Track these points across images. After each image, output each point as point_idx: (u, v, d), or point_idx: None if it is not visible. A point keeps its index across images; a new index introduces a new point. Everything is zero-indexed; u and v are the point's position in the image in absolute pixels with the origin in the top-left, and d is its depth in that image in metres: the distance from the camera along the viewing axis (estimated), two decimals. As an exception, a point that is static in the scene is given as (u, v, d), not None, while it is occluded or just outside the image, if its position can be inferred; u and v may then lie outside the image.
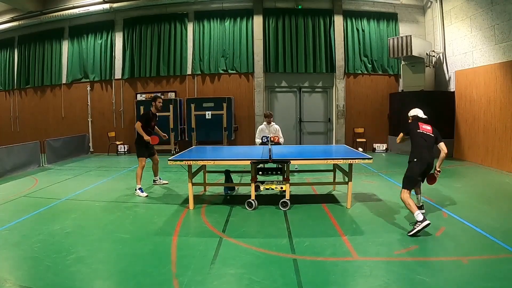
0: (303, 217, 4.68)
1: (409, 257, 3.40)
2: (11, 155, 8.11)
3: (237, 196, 5.92)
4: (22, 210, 5.13)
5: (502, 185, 6.40)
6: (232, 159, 5.20)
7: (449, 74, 9.90)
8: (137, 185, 6.03)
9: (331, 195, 5.87)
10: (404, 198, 4.09)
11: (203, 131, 10.82)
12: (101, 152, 11.78)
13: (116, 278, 3.12)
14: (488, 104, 8.11)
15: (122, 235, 4.11)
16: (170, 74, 11.42)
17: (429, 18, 10.83)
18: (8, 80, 12.58)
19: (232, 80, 11.35)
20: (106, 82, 11.77)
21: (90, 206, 5.39)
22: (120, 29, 11.58)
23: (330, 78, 11.31)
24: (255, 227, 4.41)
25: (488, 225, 4.17)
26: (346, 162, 4.95)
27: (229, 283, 2.97)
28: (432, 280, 2.91)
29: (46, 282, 3.01)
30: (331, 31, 11.03)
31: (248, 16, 11.12)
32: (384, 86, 11.27)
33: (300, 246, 3.68)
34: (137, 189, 6.01)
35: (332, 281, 2.97)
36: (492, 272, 3.04)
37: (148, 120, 6.26)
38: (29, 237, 4.05)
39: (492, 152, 7.99)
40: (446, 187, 6.16)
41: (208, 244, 3.77)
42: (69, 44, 11.93)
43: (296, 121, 11.58)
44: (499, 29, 7.69)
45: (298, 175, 7.16)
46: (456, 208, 4.90)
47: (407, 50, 9.37)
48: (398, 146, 10.49)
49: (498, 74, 7.76)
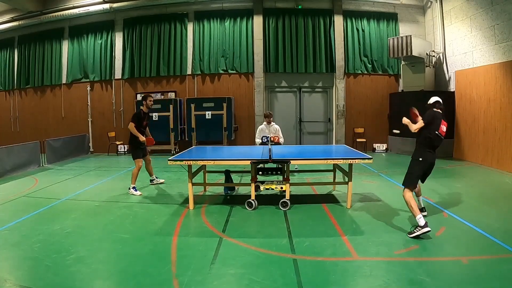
0: (303, 217, 4.68)
1: (409, 257, 3.40)
2: (11, 155, 8.12)
3: (237, 196, 5.92)
4: (22, 210, 5.13)
5: (502, 185, 6.40)
6: (232, 159, 5.20)
7: (449, 74, 9.91)
8: (131, 184, 6.10)
9: (331, 195, 5.87)
10: (407, 199, 3.99)
11: (203, 131, 10.82)
12: (101, 152, 11.78)
13: (116, 278, 3.12)
14: (488, 104, 8.11)
15: (122, 235, 4.11)
16: (170, 74, 11.42)
17: (429, 18, 10.83)
18: (8, 80, 12.59)
19: (232, 80, 11.35)
20: (106, 82, 11.78)
21: (90, 206, 5.39)
22: (120, 29, 11.59)
23: (330, 78, 11.31)
24: (255, 227, 4.41)
25: (488, 225, 4.17)
26: (346, 162, 4.95)
27: (229, 283, 2.97)
28: (432, 280, 2.91)
29: (46, 282, 3.01)
30: (331, 31, 11.03)
31: (248, 16, 11.12)
32: (384, 86, 11.27)
33: (300, 246, 3.68)
34: (130, 188, 6.09)
35: (332, 281, 2.97)
36: (492, 272, 3.04)
37: (140, 119, 6.19)
38: (29, 237, 4.06)
39: (492, 152, 7.99)
40: (446, 187, 6.16)
41: (208, 244, 3.77)
42: (69, 44, 11.94)
43: (296, 121, 11.58)
44: (499, 29, 7.69)
45: (298, 175, 7.16)
46: (456, 208, 4.90)
47: (407, 50, 9.37)
48: (398, 146, 10.51)
49: (498, 74, 7.76)
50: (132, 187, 6.10)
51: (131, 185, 6.11)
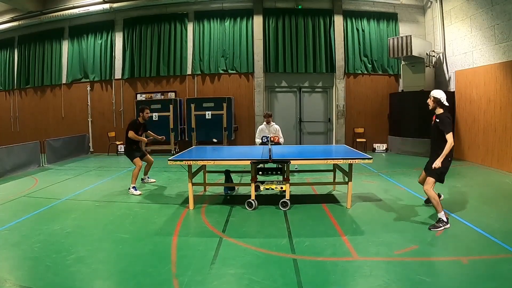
0: (303, 217, 4.68)
1: (409, 257, 3.40)
2: (11, 155, 8.11)
3: (237, 196, 5.92)
4: (22, 210, 5.13)
5: (502, 185, 6.40)
6: (232, 159, 5.20)
7: (449, 74, 9.90)
8: (131, 184, 6.15)
9: (331, 195, 5.87)
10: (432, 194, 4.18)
11: (203, 131, 10.82)
12: (101, 152, 11.78)
13: (116, 278, 3.12)
14: (488, 104, 8.10)
15: (122, 235, 4.11)
16: (170, 74, 11.42)
17: (429, 18, 10.83)
18: (8, 80, 12.58)
19: (232, 80, 11.35)
20: (106, 82, 11.77)
21: (90, 206, 5.39)
22: (120, 29, 11.58)
23: (330, 78, 11.31)
24: (255, 227, 4.41)
25: (488, 225, 4.17)
26: (346, 162, 4.95)
27: (229, 283, 2.97)
28: (432, 280, 2.91)
29: (46, 282, 3.01)
30: (331, 31, 11.03)
31: (248, 16, 11.12)
32: (384, 86, 11.27)
33: (300, 246, 3.68)
34: (130, 188, 6.14)
35: (332, 281, 2.97)
36: (492, 272, 3.04)
37: (136, 127, 6.39)
38: (29, 237, 4.06)
39: (492, 152, 7.99)
40: (446, 187, 6.14)
41: (208, 244, 3.77)
42: (69, 44, 11.93)
43: (296, 121, 11.58)
44: (499, 29, 7.69)
45: (298, 175, 7.16)
46: (456, 208, 4.89)
47: (407, 50, 9.37)
48: (398, 146, 10.51)
49: (498, 74, 7.76)
50: (132, 186, 6.14)
51: (131, 184, 6.15)
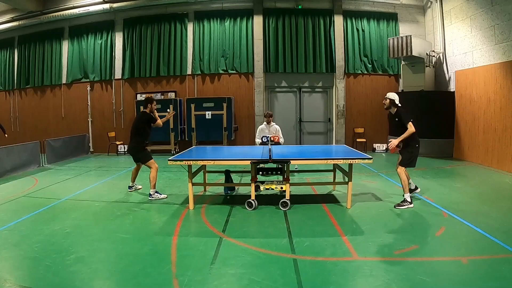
0: (303, 217, 4.68)
1: (409, 257, 3.40)
2: (11, 155, 8.12)
3: (237, 196, 5.92)
4: (22, 210, 5.13)
5: (502, 185, 6.40)
6: (232, 159, 5.20)
7: (449, 74, 9.90)
8: (151, 189, 5.72)
9: (331, 195, 5.87)
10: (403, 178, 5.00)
11: (203, 131, 10.82)
12: (101, 152, 11.77)
13: (116, 278, 3.11)
14: (488, 104, 8.10)
15: (122, 235, 4.11)
16: (170, 74, 11.42)
17: (429, 18, 10.83)
18: (8, 80, 12.58)
19: (232, 80, 11.35)
20: (106, 82, 11.77)
21: (90, 206, 5.39)
22: (120, 29, 11.58)
23: (330, 78, 11.31)
24: (255, 227, 4.41)
25: (488, 225, 4.17)
26: (346, 162, 4.95)
27: (229, 283, 2.97)
28: (432, 280, 2.91)
29: (46, 282, 3.01)
30: (331, 31, 11.03)
31: (248, 16, 11.12)
32: (384, 86, 11.25)
33: (300, 246, 3.68)
34: (152, 194, 5.70)
35: (332, 281, 2.97)
36: (492, 272, 3.04)
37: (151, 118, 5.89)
38: (29, 237, 4.05)
39: (492, 152, 7.99)
40: (446, 187, 6.16)
41: (208, 244, 3.77)
42: (69, 44, 11.93)
43: (296, 121, 11.57)
44: (499, 29, 7.69)
45: (298, 175, 7.16)
46: (456, 208, 4.89)
47: (407, 50, 9.36)
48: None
49: (498, 74, 7.76)
50: (154, 192, 5.70)
51: (152, 190, 5.70)
